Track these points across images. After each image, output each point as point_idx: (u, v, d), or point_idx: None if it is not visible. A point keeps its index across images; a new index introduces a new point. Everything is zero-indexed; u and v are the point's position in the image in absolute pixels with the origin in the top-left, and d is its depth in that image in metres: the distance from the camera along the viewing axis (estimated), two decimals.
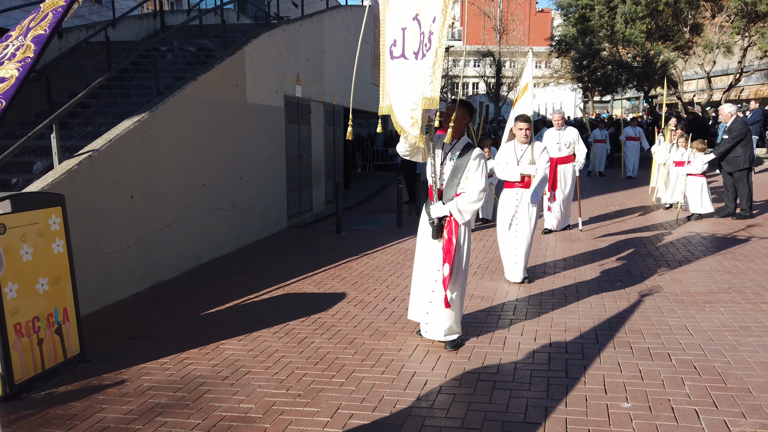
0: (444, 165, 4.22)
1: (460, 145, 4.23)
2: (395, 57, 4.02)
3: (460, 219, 4.12)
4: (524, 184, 5.97)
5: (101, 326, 5.21)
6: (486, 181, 4.15)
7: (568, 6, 22.78)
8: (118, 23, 10.85)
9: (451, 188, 4.17)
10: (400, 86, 3.99)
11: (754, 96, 27.46)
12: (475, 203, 4.09)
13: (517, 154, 6.06)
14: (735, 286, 5.62)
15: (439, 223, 4.17)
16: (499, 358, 4.18)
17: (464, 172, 4.13)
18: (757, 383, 3.58)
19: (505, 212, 6.09)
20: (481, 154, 4.16)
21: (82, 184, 5.53)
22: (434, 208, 4.17)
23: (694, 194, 9.12)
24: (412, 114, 3.89)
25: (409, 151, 4.18)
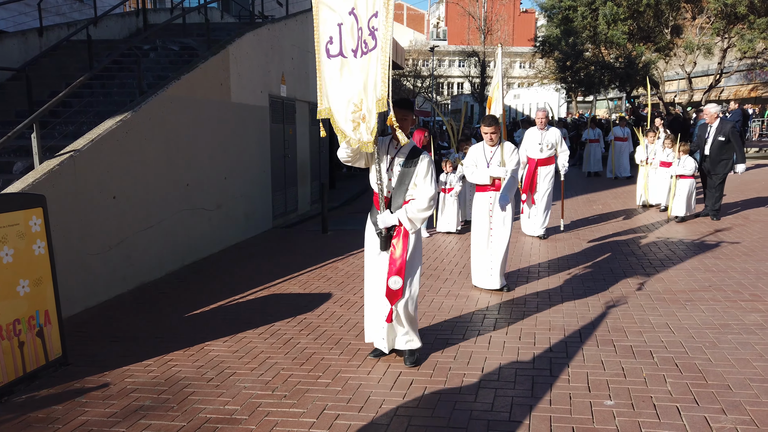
0: (390, 171, 3.95)
1: (406, 149, 3.97)
2: (332, 56, 3.76)
3: (410, 228, 3.88)
4: (496, 187, 5.72)
5: (83, 328, 5.14)
6: (437, 187, 3.93)
7: (552, 7, 22.97)
8: (100, 21, 10.71)
9: (399, 196, 3.91)
10: (340, 87, 3.74)
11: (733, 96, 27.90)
12: (425, 211, 3.84)
13: (486, 155, 5.78)
14: (715, 285, 5.71)
15: (387, 234, 3.90)
16: (485, 357, 4.20)
17: (412, 178, 3.89)
18: (737, 380, 3.64)
19: (479, 217, 5.86)
20: (430, 159, 3.93)
21: (63, 185, 5.46)
22: (381, 217, 3.89)
23: (683, 196, 8.96)
24: (353, 117, 3.66)
25: (352, 157, 3.90)
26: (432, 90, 41.03)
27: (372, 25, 3.47)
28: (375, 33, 3.46)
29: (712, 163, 8.97)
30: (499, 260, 5.75)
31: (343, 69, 3.71)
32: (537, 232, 8.27)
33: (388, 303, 3.91)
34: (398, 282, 3.87)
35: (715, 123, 8.97)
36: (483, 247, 5.80)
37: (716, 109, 9.14)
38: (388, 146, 4.00)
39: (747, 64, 22.65)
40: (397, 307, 3.93)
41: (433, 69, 42.56)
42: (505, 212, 5.69)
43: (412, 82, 40.66)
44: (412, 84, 40.57)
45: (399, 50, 25.43)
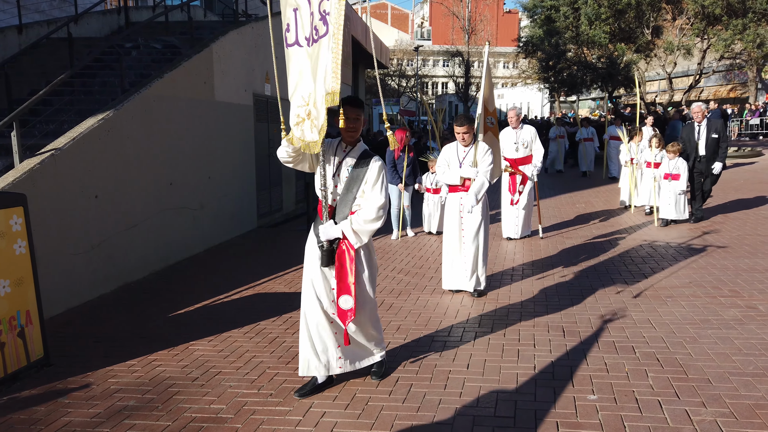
0: (337, 176, 3.54)
1: (356, 152, 3.56)
2: (290, 45, 3.42)
3: (355, 242, 3.44)
4: (466, 188, 5.49)
5: (66, 329, 5.09)
6: (388, 196, 3.53)
7: (534, 8, 23.16)
8: (81, 19, 10.57)
9: (345, 204, 3.50)
10: (297, 79, 3.38)
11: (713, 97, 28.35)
12: (373, 222, 3.42)
13: (459, 155, 5.57)
14: (695, 281, 5.80)
15: (329, 247, 3.47)
16: (469, 353, 4.23)
17: (361, 184, 3.47)
18: (717, 374, 3.71)
19: (450, 218, 5.64)
20: (382, 164, 3.53)
21: (44, 184, 5.39)
22: (323, 228, 3.47)
23: (672, 198, 8.59)
24: (298, 111, 3.32)
25: (293, 158, 3.47)
26: (417, 89, 41.14)
27: (323, 8, 3.13)
28: (326, 17, 3.11)
29: (707, 163, 8.65)
30: (470, 262, 5.55)
31: (299, 59, 3.36)
32: (518, 233, 8.15)
33: (341, 324, 3.55)
34: (349, 301, 3.46)
35: (704, 122, 8.68)
36: (455, 250, 5.61)
37: (704, 107, 8.90)
38: (336, 148, 3.59)
39: (726, 65, 23.06)
40: (354, 326, 3.60)
41: (418, 69, 42.67)
42: (472, 213, 5.46)
43: (397, 81, 40.72)
44: (396, 84, 40.62)
45: (384, 50, 25.46)
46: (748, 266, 6.24)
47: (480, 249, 5.56)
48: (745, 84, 26.98)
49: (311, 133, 3.25)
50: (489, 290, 5.81)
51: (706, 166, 8.69)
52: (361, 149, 3.59)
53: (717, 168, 8.66)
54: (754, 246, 7.13)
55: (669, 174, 8.63)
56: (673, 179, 8.59)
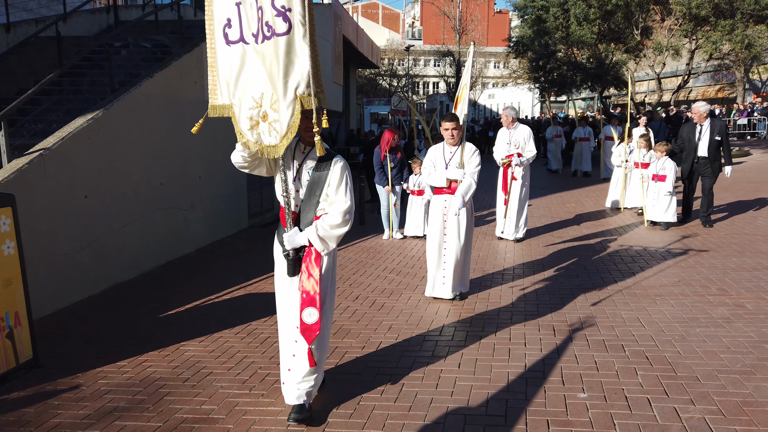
0: (298, 181, 3.32)
1: (315, 153, 3.21)
2: (232, 42, 3.14)
3: (322, 249, 3.23)
4: (452, 190, 5.32)
5: (55, 330, 5.05)
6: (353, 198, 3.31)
7: (525, 8, 23.24)
8: (70, 18, 10.49)
9: (308, 210, 3.29)
10: (242, 79, 3.15)
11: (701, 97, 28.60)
12: (339, 227, 3.20)
13: (445, 156, 5.38)
14: (684, 280, 5.85)
15: (295, 256, 3.26)
16: (461, 353, 4.24)
17: (324, 187, 3.26)
18: (705, 371, 3.75)
19: (434, 221, 5.45)
20: (345, 164, 3.29)
21: (33, 184, 5.35)
22: (288, 236, 3.25)
23: (659, 200, 8.42)
24: (250, 114, 3.12)
25: (249, 163, 3.28)
26: (408, 89, 41.17)
27: (280, 4, 2.92)
28: (287, 14, 2.90)
29: (710, 163, 8.34)
30: (451, 268, 5.37)
31: (245, 57, 3.11)
32: (511, 235, 8.04)
33: (305, 342, 3.22)
34: (314, 315, 3.16)
35: (706, 122, 8.33)
36: (437, 254, 5.43)
37: (706, 107, 8.52)
38: (294, 150, 3.36)
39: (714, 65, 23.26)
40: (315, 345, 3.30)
41: (409, 68, 42.71)
42: (459, 216, 5.28)
43: (388, 81, 40.74)
44: (388, 83, 40.65)
45: (375, 49, 25.46)
46: (735, 265, 6.30)
47: (462, 253, 5.37)
48: (733, 84, 27.24)
49: (269, 137, 3.07)
50: (480, 290, 5.83)
51: (702, 168, 8.40)
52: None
53: (728, 171, 8.39)
54: (742, 245, 7.21)
55: (656, 175, 8.48)
56: (659, 180, 8.45)
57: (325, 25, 15.95)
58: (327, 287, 3.37)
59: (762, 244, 7.19)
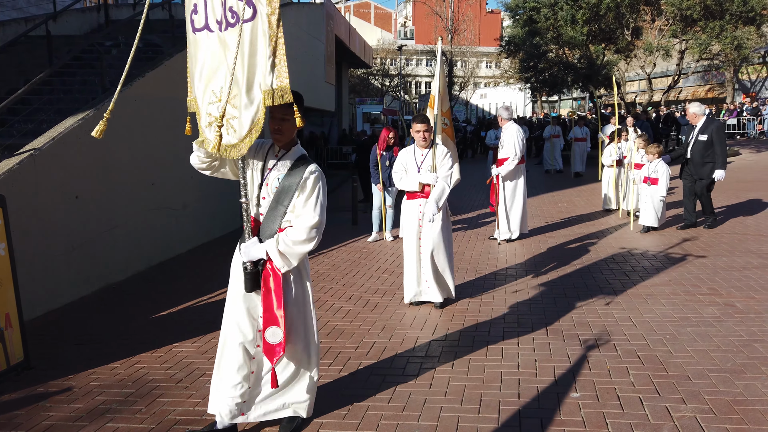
0: (265, 186, 3.01)
1: (290, 157, 2.99)
2: (197, 29, 2.88)
3: (282, 265, 2.90)
4: (425, 194, 5.12)
5: (46, 331, 5.02)
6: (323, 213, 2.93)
7: (516, 8, 23.32)
8: (60, 17, 10.41)
9: (273, 220, 2.96)
10: (205, 70, 2.89)
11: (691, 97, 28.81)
12: (303, 244, 2.86)
13: (417, 159, 5.18)
14: (675, 279, 5.90)
15: (254, 269, 2.95)
16: (454, 353, 4.26)
17: (292, 198, 2.92)
18: (696, 370, 3.78)
19: (408, 227, 5.26)
20: (320, 175, 2.95)
21: (23, 184, 5.31)
22: (246, 247, 2.96)
23: (650, 204, 8.13)
24: (209, 110, 2.86)
25: (207, 164, 3.03)
26: (400, 89, 41.19)
27: None
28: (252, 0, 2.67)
29: (695, 167, 8.17)
30: (430, 274, 5.19)
31: (209, 46, 2.85)
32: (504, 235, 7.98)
33: (269, 362, 3.00)
34: (277, 334, 2.92)
35: (699, 123, 8.15)
36: (414, 261, 5.25)
37: (698, 109, 8.30)
38: (267, 152, 3.04)
39: (704, 66, 23.45)
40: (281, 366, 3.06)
41: (401, 68, 42.72)
42: (431, 222, 5.05)
43: (381, 81, 40.74)
44: (380, 83, 40.64)
45: (367, 49, 25.46)
46: (725, 264, 6.35)
47: (442, 259, 5.19)
48: (723, 84, 27.45)
49: (227, 136, 2.76)
50: (474, 290, 5.85)
51: (693, 169, 8.21)
52: (297, 154, 3.01)
53: (718, 175, 8.02)
54: (732, 244, 7.27)
55: (647, 177, 8.18)
56: (651, 183, 8.13)
57: (317, 25, 15.92)
58: (301, 311, 3.07)
59: (752, 244, 7.25)
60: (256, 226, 3.02)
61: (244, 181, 2.98)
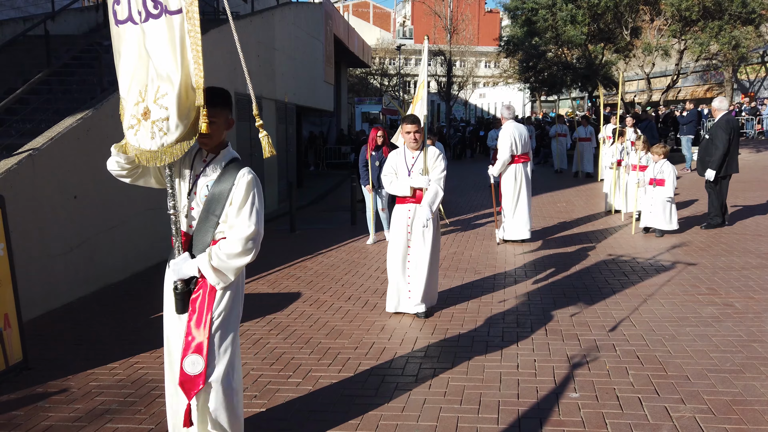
0: (194, 195, 2.70)
1: (219, 162, 2.69)
2: (120, 21, 2.60)
3: (216, 282, 2.60)
4: (417, 198, 4.92)
5: (45, 332, 5.01)
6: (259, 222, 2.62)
7: (515, 8, 23.33)
8: (58, 16, 10.40)
9: (204, 232, 2.65)
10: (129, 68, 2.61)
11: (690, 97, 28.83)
12: (238, 257, 2.56)
13: (407, 162, 4.96)
14: (674, 279, 5.90)
15: (185, 288, 2.65)
16: (454, 353, 4.26)
17: (224, 206, 2.62)
18: (695, 371, 3.78)
19: (397, 233, 5.02)
20: (253, 179, 2.63)
21: (22, 184, 5.30)
22: (175, 263, 2.67)
23: (658, 206, 7.79)
24: (134, 111, 2.58)
25: (128, 171, 2.72)
26: (399, 89, 41.18)
27: None
28: None
29: (701, 164, 8.08)
30: (417, 282, 4.95)
31: (132, 40, 2.58)
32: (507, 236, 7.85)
33: (184, 397, 2.64)
34: (198, 364, 2.58)
35: (717, 118, 7.97)
36: (399, 268, 5.03)
37: (717, 104, 8.03)
38: (194, 157, 2.75)
39: (702, 66, 23.46)
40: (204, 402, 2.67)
41: (400, 68, 42.70)
42: (425, 228, 4.85)
43: (379, 80, 40.72)
44: (379, 82, 40.63)
45: (366, 48, 25.46)
46: (724, 264, 6.36)
47: (430, 267, 4.97)
48: (722, 84, 27.46)
49: (150, 140, 2.50)
50: (473, 289, 5.85)
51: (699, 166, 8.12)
52: (228, 158, 2.72)
53: (707, 175, 7.96)
54: (730, 244, 7.27)
55: (653, 179, 7.84)
56: (657, 185, 7.78)
57: (316, 24, 15.92)
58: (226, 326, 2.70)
59: (750, 244, 7.26)
60: (187, 240, 2.71)
61: (171, 190, 2.68)
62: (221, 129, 2.68)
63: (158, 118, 2.49)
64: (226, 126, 2.70)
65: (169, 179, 2.68)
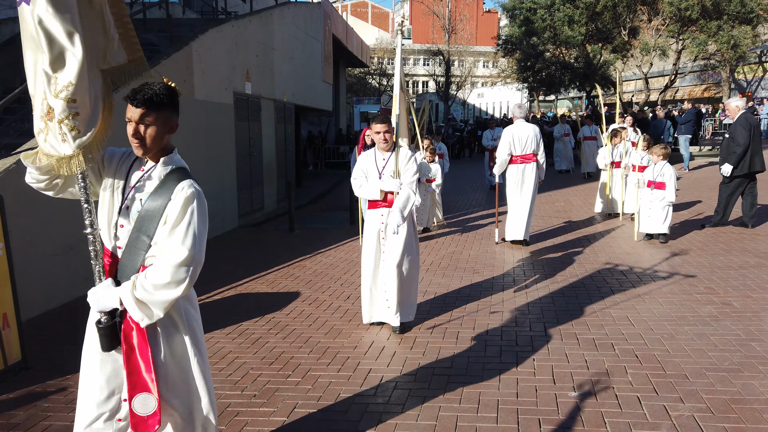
0: (127, 211, 2.29)
1: (160, 172, 2.30)
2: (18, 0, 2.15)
3: (140, 318, 2.20)
4: (389, 202, 4.61)
5: (44, 331, 5.01)
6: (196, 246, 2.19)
7: (513, 8, 23.35)
8: None
9: (133, 255, 2.26)
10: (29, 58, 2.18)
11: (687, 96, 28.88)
12: (166, 289, 2.15)
13: (378, 164, 4.65)
14: (672, 278, 5.92)
15: (110, 322, 2.28)
16: (453, 352, 4.26)
17: (157, 225, 2.21)
18: (694, 369, 3.79)
19: (369, 239, 4.73)
20: (194, 193, 2.23)
21: (20, 184, 5.26)
22: (94, 293, 2.32)
23: (657, 209, 7.44)
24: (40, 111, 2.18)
25: (46, 182, 2.31)
26: None
27: None
28: None
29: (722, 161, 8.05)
30: (394, 291, 4.62)
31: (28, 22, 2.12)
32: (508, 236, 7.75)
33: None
34: (149, 402, 2.25)
35: (735, 117, 7.87)
36: (370, 276, 4.74)
37: (737, 102, 7.92)
38: (131, 166, 2.35)
39: (700, 65, 23.51)
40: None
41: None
42: (396, 234, 4.49)
43: (378, 80, 40.72)
44: (377, 82, 40.63)
45: (364, 48, 25.45)
46: (722, 263, 6.38)
47: (406, 277, 4.67)
48: (719, 84, 27.52)
49: (61, 144, 2.12)
50: (472, 289, 5.86)
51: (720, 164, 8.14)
52: (169, 167, 2.31)
53: (722, 170, 7.92)
54: (729, 244, 7.29)
55: (652, 181, 7.48)
56: (656, 188, 7.40)
57: (315, 24, 15.92)
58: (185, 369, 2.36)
59: (748, 243, 7.28)
60: (113, 263, 2.32)
61: (87, 205, 2.27)
62: (159, 133, 2.25)
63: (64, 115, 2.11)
64: (167, 130, 2.29)
65: (83, 190, 2.25)
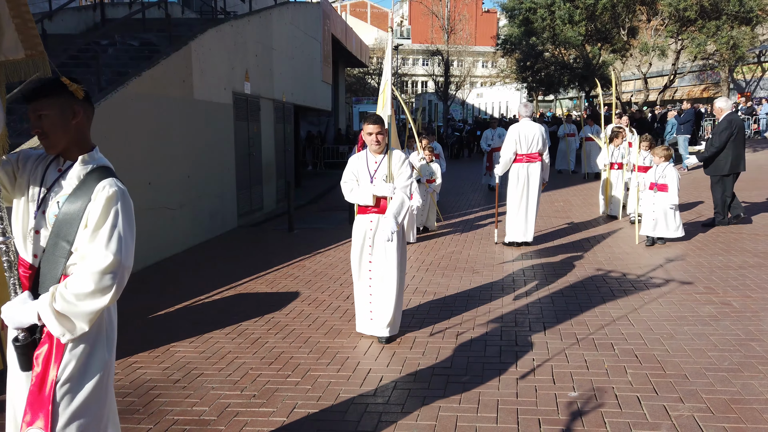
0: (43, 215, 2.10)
1: (76, 173, 2.11)
2: None
3: (60, 333, 2.00)
4: (381, 208, 4.38)
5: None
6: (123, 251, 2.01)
7: (513, 8, 23.37)
8: (55, 15, 10.37)
9: (53, 264, 2.06)
10: None
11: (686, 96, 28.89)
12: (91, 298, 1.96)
13: (369, 168, 4.44)
14: (671, 278, 5.91)
15: (28, 340, 2.06)
16: (452, 352, 4.26)
17: (77, 230, 2.03)
18: (693, 369, 3.79)
19: (357, 246, 4.49)
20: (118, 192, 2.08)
21: None
22: (9, 308, 2.07)
23: (660, 212, 7.19)
24: None
25: None
26: (396, 88, 41.17)
27: None
28: None
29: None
30: (381, 303, 4.41)
31: None
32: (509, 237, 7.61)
33: None
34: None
35: (721, 118, 7.93)
36: (363, 286, 4.54)
37: (721, 104, 7.94)
38: (48, 166, 2.16)
39: (699, 65, 23.52)
40: None
41: (398, 67, 42.74)
42: (389, 242, 4.28)
43: (377, 80, 40.72)
44: (376, 82, 40.62)
45: (363, 48, 25.44)
46: (722, 263, 6.38)
47: (391, 288, 4.41)
48: (718, 84, 27.53)
49: None
50: (471, 288, 5.85)
51: None
52: (89, 166, 2.13)
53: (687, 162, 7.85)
54: (728, 243, 7.29)
55: (654, 183, 7.23)
56: (659, 190, 7.16)
57: (314, 24, 15.91)
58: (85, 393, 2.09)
59: (747, 243, 7.28)
60: (32, 274, 2.09)
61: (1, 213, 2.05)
62: (59, 122, 2.05)
63: None
64: (68, 118, 2.08)
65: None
